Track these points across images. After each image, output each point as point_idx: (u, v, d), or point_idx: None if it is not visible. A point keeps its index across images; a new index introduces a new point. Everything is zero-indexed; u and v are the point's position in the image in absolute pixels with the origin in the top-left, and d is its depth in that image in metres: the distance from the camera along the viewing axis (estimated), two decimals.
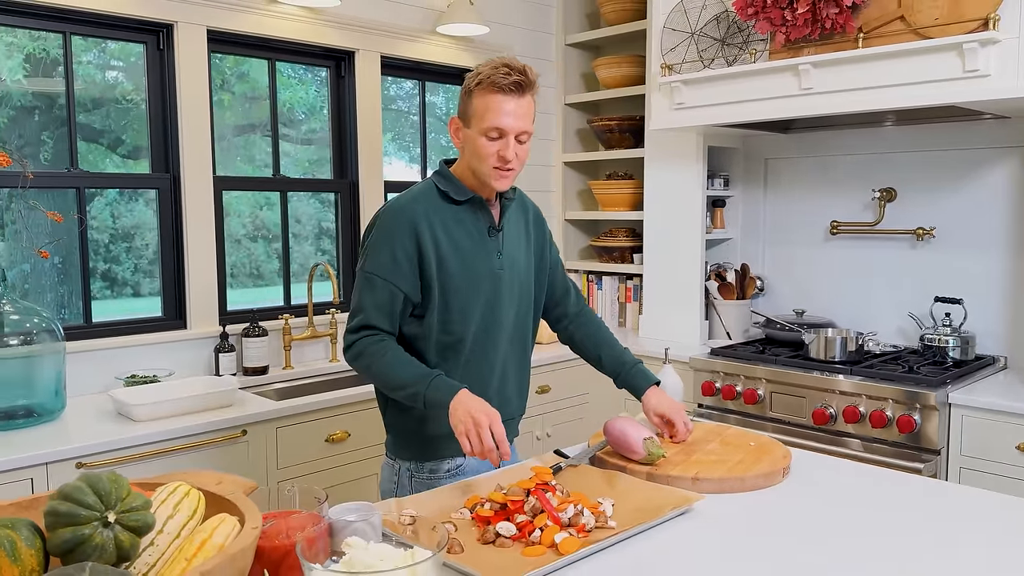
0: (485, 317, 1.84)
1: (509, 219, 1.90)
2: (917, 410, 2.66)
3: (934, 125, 3.17)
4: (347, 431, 2.69)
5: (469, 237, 1.81)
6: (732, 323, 3.60)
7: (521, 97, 1.72)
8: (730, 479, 1.69)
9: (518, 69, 1.71)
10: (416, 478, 1.87)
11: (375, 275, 1.75)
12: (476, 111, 1.73)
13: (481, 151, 1.74)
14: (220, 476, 1.27)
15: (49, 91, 2.74)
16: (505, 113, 1.71)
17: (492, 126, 1.71)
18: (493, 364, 1.87)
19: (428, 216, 1.77)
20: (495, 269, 1.84)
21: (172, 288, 2.96)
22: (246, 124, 3.25)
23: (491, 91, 1.71)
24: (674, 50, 3.19)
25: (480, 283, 1.81)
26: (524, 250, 1.93)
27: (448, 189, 1.81)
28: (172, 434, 2.33)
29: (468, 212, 1.82)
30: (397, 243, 1.74)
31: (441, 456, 1.87)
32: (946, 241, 3.18)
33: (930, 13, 2.55)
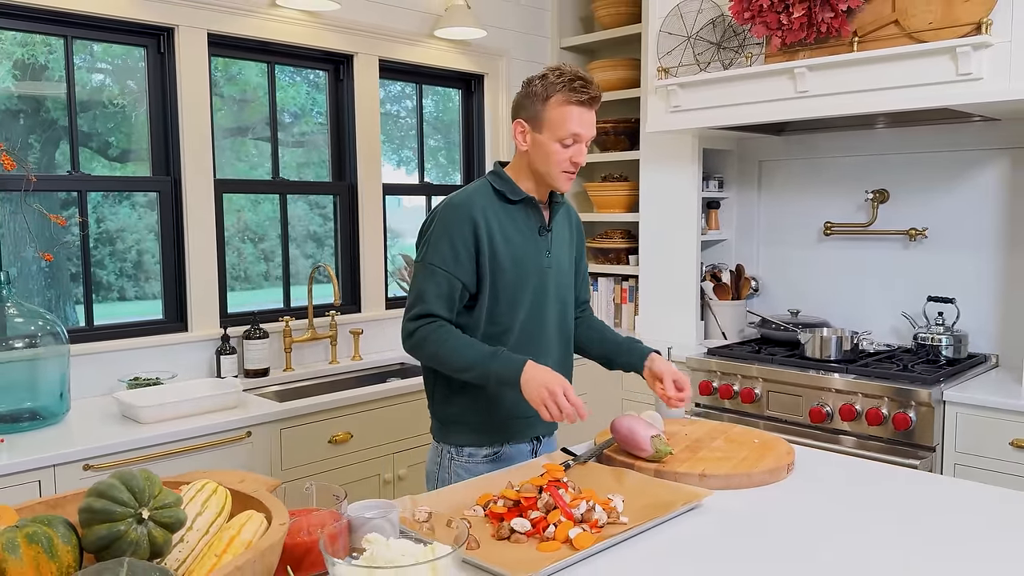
0: (531, 311, 1.96)
1: (558, 222, 2.03)
2: (912, 407, 2.70)
3: (926, 127, 3.22)
4: (350, 432, 2.71)
5: (521, 234, 1.94)
6: (727, 323, 3.64)
7: (592, 109, 1.89)
8: (737, 475, 1.72)
9: (593, 83, 1.87)
10: (456, 461, 1.99)
11: (436, 266, 1.87)
12: (552, 119, 1.86)
13: (554, 156, 1.87)
14: (242, 474, 1.29)
15: (36, 94, 2.74)
16: (582, 123, 1.86)
17: (571, 133, 1.85)
18: (537, 357, 1.94)
19: (485, 211, 1.90)
20: (543, 266, 1.97)
21: (173, 291, 2.97)
22: (235, 127, 3.26)
23: (570, 103, 1.85)
24: (670, 53, 3.23)
25: (528, 277, 1.94)
26: (567, 252, 2.07)
27: (504, 189, 1.94)
28: (177, 436, 2.34)
29: (521, 211, 1.95)
30: (457, 236, 1.86)
31: (479, 443, 1.98)
32: (938, 241, 3.23)
33: (924, 17, 2.59)
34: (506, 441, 2.00)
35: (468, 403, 1.96)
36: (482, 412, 1.96)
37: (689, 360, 3.27)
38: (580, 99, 1.85)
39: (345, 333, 3.34)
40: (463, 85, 3.93)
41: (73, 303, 2.92)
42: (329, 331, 3.25)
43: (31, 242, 2.66)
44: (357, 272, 3.47)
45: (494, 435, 1.98)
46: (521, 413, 1.98)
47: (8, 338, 2.32)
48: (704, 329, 3.69)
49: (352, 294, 3.48)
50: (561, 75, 1.86)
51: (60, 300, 2.83)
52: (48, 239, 2.75)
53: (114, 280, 2.95)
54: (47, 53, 2.74)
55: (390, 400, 2.82)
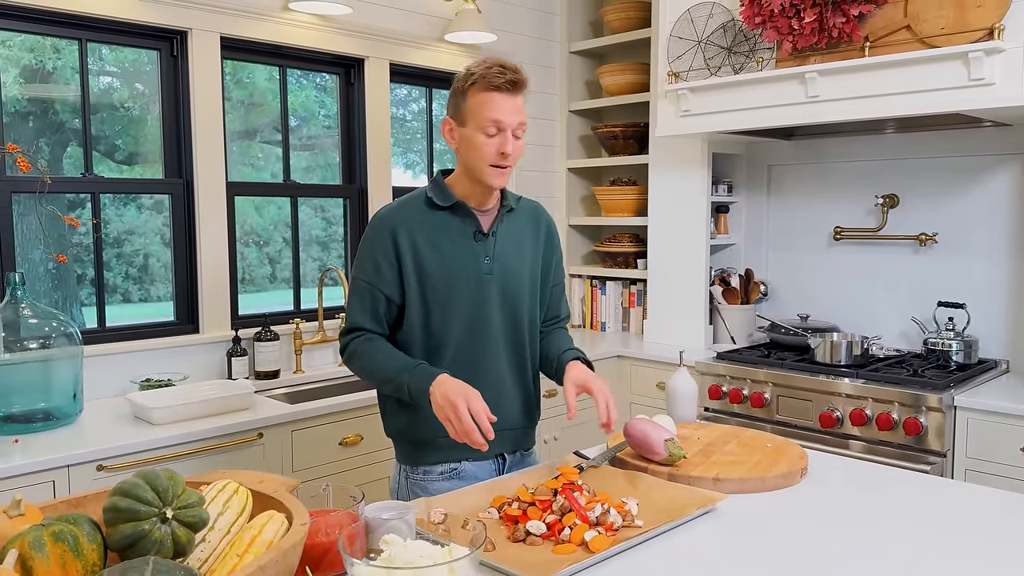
0: (470, 321, 1.86)
1: (508, 227, 1.91)
2: (923, 413, 2.70)
3: (936, 132, 3.22)
4: (360, 434, 2.71)
5: (450, 240, 1.84)
6: (736, 328, 3.64)
7: (515, 96, 1.77)
8: (751, 479, 1.72)
9: (511, 68, 1.76)
10: (411, 479, 1.92)
11: (358, 279, 1.85)
12: (471, 109, 1.76)
13: (480, 148, 1.77)
14: (261, 475, 1.30)
15: (44, 97, 2.76)
16: (503, 109, 1.75)
17: (491, 118, 1.74)
18: (485, 371, 1.87)
19: (407, 221, 1.83)
20: (481, 272, 1.85)
21: (185, 292, 2.98)
22: (243, 130, 3.28)
23: (487, 89, 1.75)
24: (680, 58, 3.23)
25: (460, 283, 1.83)
26: (525, 260, 1.94)
27: (434, 195, 1.86)
28: (190, 437, 2.35)
29: (452, 218, 1.85)
30: (378, 247, 1.83)
31: (431, 461, 1.90)
32: (948, 246, 3.23)
33: (936, 23, 2.60)
34: (463, 458, 1.89)
35: (414, 418, 1.86)
36: (429, 427, 1.81)
37: (698, 364, 3.27)
38: (496, 83, 1.73)
39: None
40: None
41: (80, 305, 2.93)
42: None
43: (42, 243, 2.67)
44: None
45: (447, 451, 1.87)
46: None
47: (22, 339, 2.33)
48: (713, 333, 3.69)
49: None
50: (480, 64, 1.77)
51: (67, 302, 2.84)
52: (58, 240, 2.77)
53: (120, 282, 2.97)
54: (55, 59, 2.77)
55: None
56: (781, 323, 3.39)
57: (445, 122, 1.84)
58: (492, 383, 1.88)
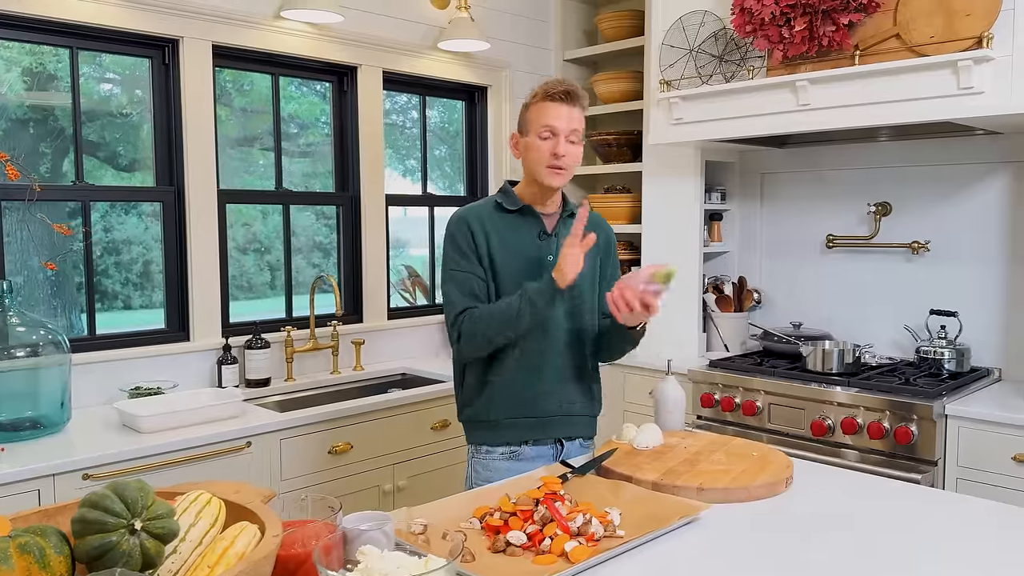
0: None
1: (566, 229, 2.06)
2: (914, 421, 2.69)
3: (928, 140, 3.22)
4: (350, 443, 2.71)
5: (518, 238, 2.05)
6: (730, 336, 3.64)
7: (570, 105, 1.98)
8: (735, 489, 1.71)
9: (567, 83, 2.00)
10: (475, 458, 2.11)
11: (452, 270, 2.03)
12: (531, 119, 2.01)
13: (536, 152, 1.99)
14: (238, 485, 1.29)
15: (47, 104, 2.76)
16: (556, 115, 1.97)
17: (544, 124, 1.97)
18: (546, 360, 2.05)
19: (481, 219, 2.04)
20: (545, 269, 2.01)
21: (175, 300, 2.98)
22: (243, 136, 3.29)
23: (544, 100, 1.99)
24: (672, 66, 3.24)
25: (527, 277, 2.00)
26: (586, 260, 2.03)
27: (503, 200, 2.08)
28: (177, 445, 2.34)
29: (520, 219, 2.07)
30: (460, 239, 2.03)
31: (494, 442, 2.08)
32: (941, 254, 3.23)
33: (925, 31, 2.60)
34: (523, 441, 2.07)
35: (483, 403, 2.06)
36: (495, 411, 2.05)
37: (691, 372, 3.27)
38: (551, 93, 1.97)
39: (347, 343, 3.34)
40: (466, 96, 3.95)
41: (79, 312, 2.93)
42: (331, 341, 3.26)
43: (35, 251, 2.67)
44: (359, 282, 3.48)
45: (508, 433, 2.06)
46: (535, 412, 2.06)
47: (10, 347, 2.32)
48: (707, 341, 3.68)
49: (354, 304, 3.49)
50: (543, 82, 2.03)
51: (66, 309, 2.85)
52: (53, 248, 2.77)
53: (120, 288, 2.97)
54: (55, 62, 2.77)
55: (390, 411, 2.83)
56: (773, 331, 3.39)
57: (512, 137, 2.08)
58: (554, 371, 2.07)
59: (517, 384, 2.04)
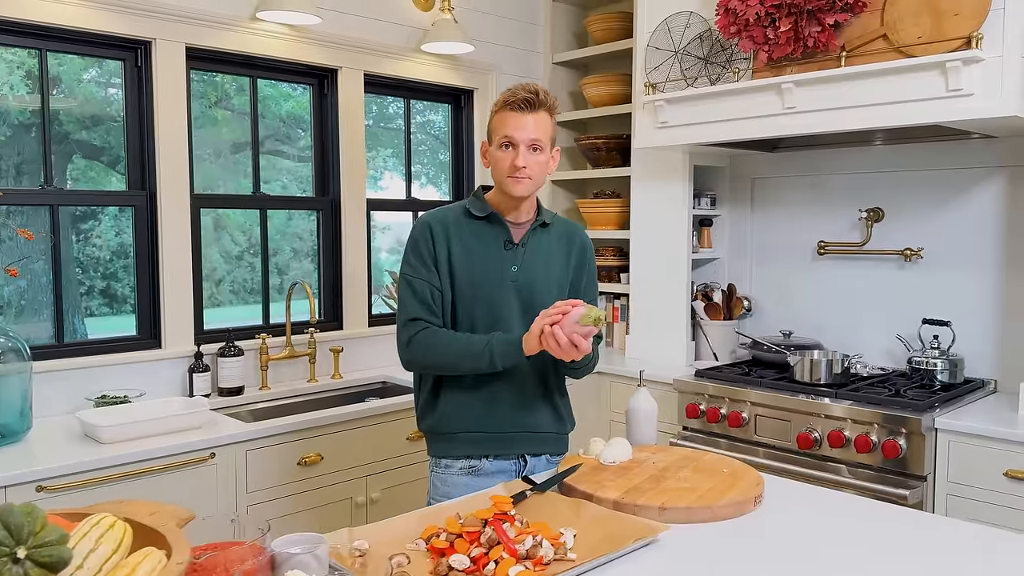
0: (494, 325, 1.95)
1: (539, 241, 2.03)
2: (903, 435, 2.60)
3: (922, 145, 3.14)
4: (320, 454, 2.64)
5: (483, 246, 1.98)
6: (719, 344, 3.55)
7: (530, 113, 1.91)
8: (698, 508, 1.63)
9: (529, 90, 1.92)
10: (435, 471, 2.04)
11: (406, 275, 1.98)
12: (493, 128, 1.96)
13: (498, 162, 1.94)
14: (155, 506, 1.23)
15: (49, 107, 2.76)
16: (515, 126, 1.90)
17: (503, 135, 1.92)
18: (506, 377, 1.96)
19: (445, 224, 1.98)
20: (506, 279, 1.97)
21: (147, 307, 2.91)
22: (243, 141, 3.25)
23: (504, 109, 1.93)
24: (658, 68, 3.16)
25: (485, 287, 1.95)
26: (553, 273, 2.04)
27: (471, 206, 2.01)
28: (138, 456, 2.28)
29: (486, 227, 1.99)
30: (421, 244, 1.97)
31: (453, 455, 2.00)
32: (934, 262, 3.14)
33: (913, 32, 2.52)
34: (483, 455, 2.00)
35: (441, 414, 1.99)
36: (453, 423, 1.98)
37: (676, 382, 3.18)
38: (510, 102, 1.91)
39: (325, 351, 3.27)
40: (452, 100, 3.89)
41: (82, 316, 2.92)
42: (308, 348, 3.19)
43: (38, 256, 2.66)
44: (339, 288, 3.41)
45: (467, 447, 1.99)
46: (494, 428, 1.98)
47: None
48: (695, 349, 3.60)
49: (334, 311, 3.42)
50: (509, 89, 1.95)
51: (69, 313, 2.82)
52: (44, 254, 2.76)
53: (129, 292, 2.96)
54: (56, 65, 2.76)
55: (364, 420, 2.75)
56: (762, 340, 3.30)
57: (482, 144, 2.02)
58: (515, 388, 1.99)
59: (476, 398, 1.97)
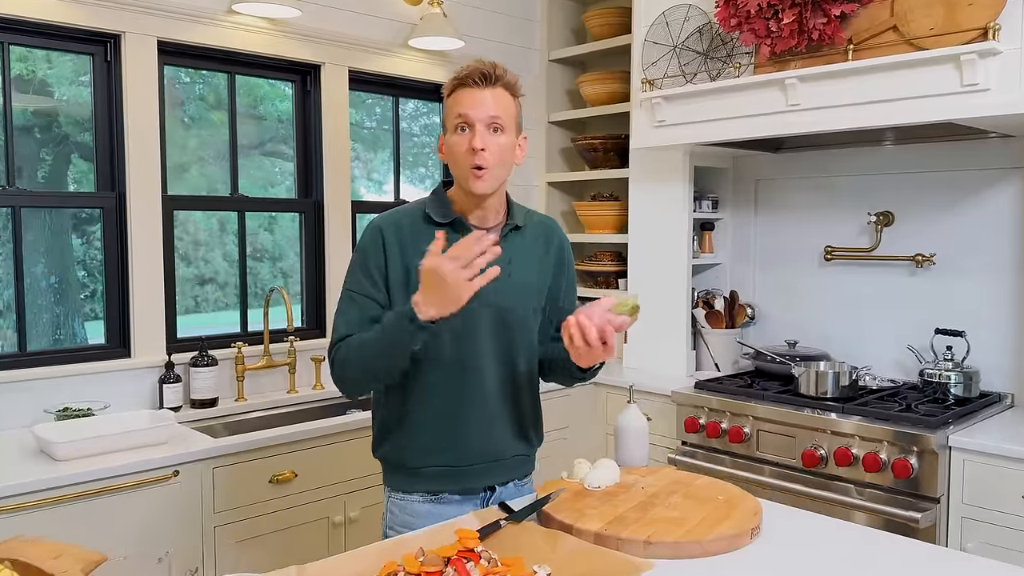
0: (458, 347, 1.72)
1: (511, 248, 1.76)
2: (914, 453, 2.44)
3: (934, 144, 2.97)
4: (294, 471, 2.49)
5: None
6: (721, 354, 3.39)
7: (486, 88, 1.66)
8: (687, 543, 1.47)
9: (484, 64, 1.68)
10: (391, 498, 1.83)
11: (348, 289, 1.73)
12: (447, 113, 1.70)
13: (454, 149, 1.67)
14: (62, 548, 1.08)
15: (45, 109, 2.67)
16: (470, 103, 1.65)
17: (457, 114, 1.66)
18: (472, 397, 1.75)
19: (400, 231, 1.72)
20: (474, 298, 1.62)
21: (116, 314, 2.77)
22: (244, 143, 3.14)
23: (456, 88, 1.68)
24: (655, 64, 3.01)
25: None
26: (530, 283, 1.80)
27: (432, 210, 1.74)
28: (94, 475, 2.13)
29: (449, 234, 1.69)
30: (370, 257, 1.72)
31: (412, 489, 1.79)
32: (947, 268, 2.97)
33: (924, 23, 2.35)
34: (444, 490, 1.78)
35: (396, 444, 1.79)
36: (408, 456, 1.78)
37: (675, 394, 3.02)
38: (461, 77, 1.67)
39: (306, 360, 3.13)
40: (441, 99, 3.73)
41: (83, 320, 2.83)
42: (287, 358, 3.04)
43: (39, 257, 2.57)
44: (323, 294, 3.26)
45: (425, 482, 1.78)
46: (455, 462, 1.77)
47: None
48: (696, 359, 3.44)
49: (316, 318, 3.27)
50: (458, 69, 1.71)
51: (69, 316, 2.72)
52: (61, 255, 2.70)
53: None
54: (45, 68, 2.67)
55: (342, 435, 2.60)
56: (765, 350, 3.14)
57: (440, 139, 1.76)
58: (480, 410, 1.76)
59: (433, 428, 1.74)
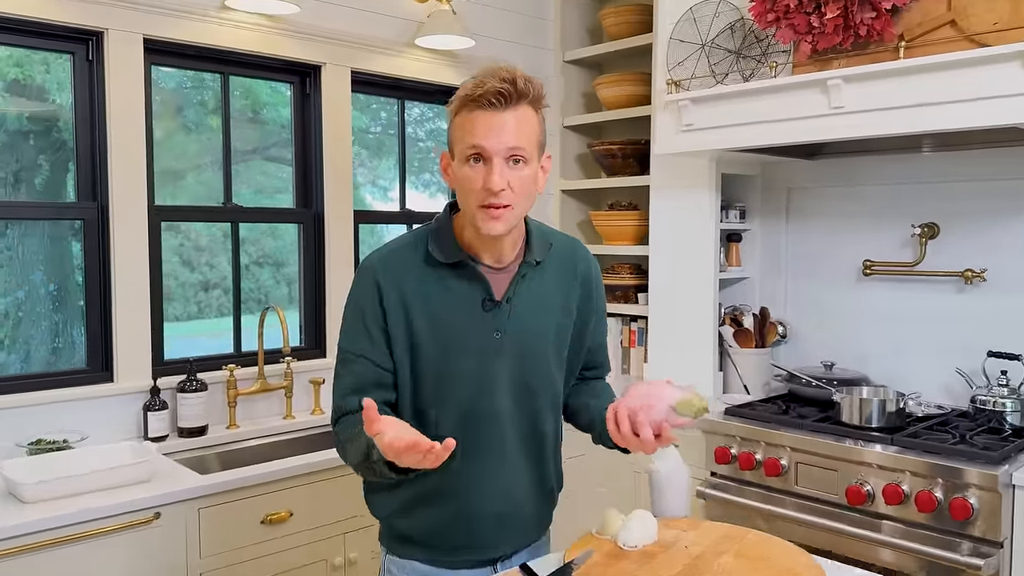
0: (472, 405, 1.49)
1: (530, 289, 1.51)
2: (973, 492, 2.20)
3: (985, 150, 2.74)
4: (290, 510, 2.27)
5: (454, 308, 1.46)
6: (750, 375, 3.15)
7: (505, 110, 1.36)
8: None
9: (501, 77, 1.36)
10: (391, 558, 1.60)
11: (343, 349, 1.49)
12: (456, 135, 1.40)
13: (465, 184, 1.39)
14: None
15: (43, 114, 2.50)
16: (485, 131, 1.35)
17: (469, 145, 1.37)
18: (488, 459, 1.51)
19: (398, 278, 1.45)
20: (488, 349, 1.47)
21: (98, 336, 2.56)
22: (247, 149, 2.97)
23: (468, 108, 1.37)
24: (682, 64, 2.78)
25: (459, 368, 1.46)
26: (550, 327, 1.55)
27: (434, 247, 1.47)
28: (67, 519, 1.92)
29: (457, 277, 1.47)
30: (367, 310, 1.45)
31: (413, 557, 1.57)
32: (1000, 285, 2.73)
33: (987, 16, 2.13)
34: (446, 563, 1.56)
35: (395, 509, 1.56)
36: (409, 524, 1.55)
37: (703, 421, 2.79)
38: (475, 96, 1.35)
39: (303, 382, 2.91)
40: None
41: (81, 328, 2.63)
42: (284, 381, 2.82)
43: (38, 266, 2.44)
44: (323, 312, 3.04)
45: (426, 552, 1.56)
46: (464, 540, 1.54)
47: None
48: (723, 381, 3.21)
49: (316, 337, 3.05)
50: (473, 78, 1.39)
51: (68, 324, 2.56)
52: (60, 264, 2.54)
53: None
54: (43, 72, 2.50)
55: (342, 468, 2.37)
56: (800, 373, 2.91)
57: (442, 157, 1.48)
58: (498, 471, 1.52)
59: (442, 497, 1.51)
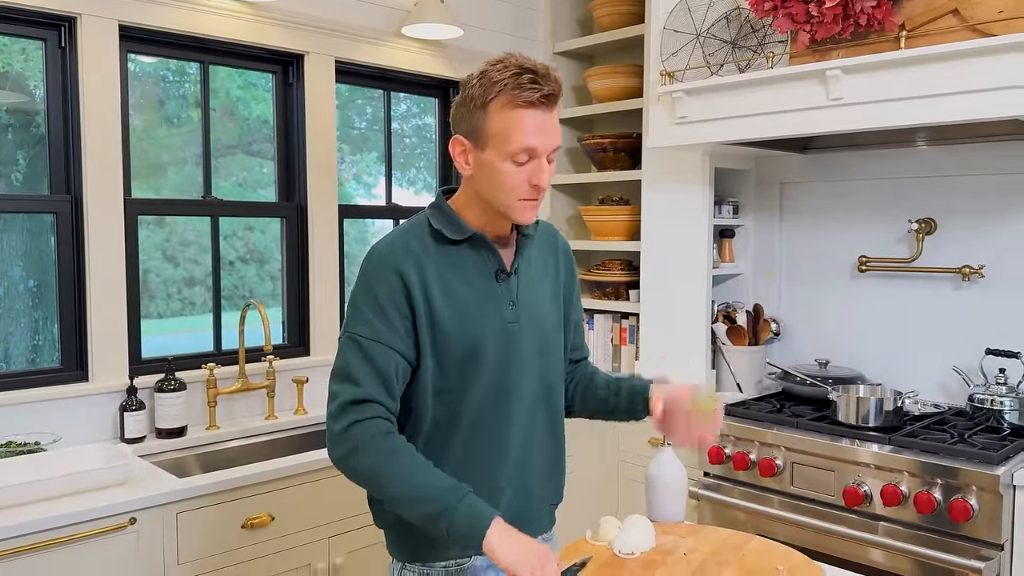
0: (493, 385, 1.47)
1: (529, 258, 1.55)
2: (972, 492, 2.15)
3: (983, 144, 2.69)
4: (271, 514, 2.19)
5: (469, 284, 1.46)
6: (743, 373, 3.10)
7: (551, 110, 1.40)
8: None
9: (544, 74, 1.37)
10: (408, 569, 1.52)
11: (361, 336, 1.41)
12: (496, 131, 1.38)
13: (506, 180, 1.40)
14: None
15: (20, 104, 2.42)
16: (535, 131, 1.37)
17: (522, 147, 1.37)
18: (510, 442, 1.49)
19: (417, 258, 1.43)
20: (506, 323, 1.48)
21: (72, 333, 2.46)
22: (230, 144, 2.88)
23: (515, 106, 1.36)
24: (676, 55, 2.72)
25: (484, 342, 1.45)
26: (549, 296, 1.58)
27: (442, 226, 1.46)
28: (37, 526, 1.83)
29: (469, 253, 1.47)
30: (385, 296, 1.41)
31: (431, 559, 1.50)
32: (998, 281, 2.69)
33: (992, 5, 2.07)
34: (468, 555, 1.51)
35: None
36: None
37: None
38: (531, 99, 1.35)
39: (286, 381, 2.82)
40: (440, 93, 3.44)
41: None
42: (266, 380, 2.73)
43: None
44: (306, 309, 2.96)
45: (449, 550, 1.49)
46: None
47: None
48: (716, 379, 3.15)
49: (299, 334, 2.97)
50: (504, 68, 1.36)
51: (48, 321, 2.48)
52: (39, 259, 2.45)
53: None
54: (23, 60, 2.41)
55: (326, 471, 2.30)
56: (795, 371, 2.85)
57: (455, 142, 1.44)
58: (521, 454, 1.52)
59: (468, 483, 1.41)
